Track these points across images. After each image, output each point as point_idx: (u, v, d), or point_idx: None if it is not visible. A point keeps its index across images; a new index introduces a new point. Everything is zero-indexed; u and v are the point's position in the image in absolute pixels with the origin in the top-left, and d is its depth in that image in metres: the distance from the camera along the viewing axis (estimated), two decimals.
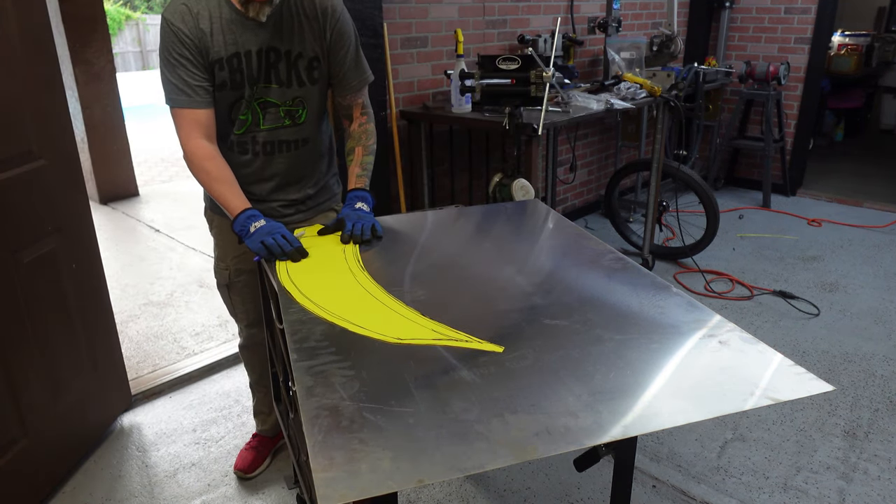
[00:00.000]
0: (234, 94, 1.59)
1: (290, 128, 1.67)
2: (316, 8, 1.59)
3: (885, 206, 4.54)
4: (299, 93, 1.64)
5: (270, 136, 1.66)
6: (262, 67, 1.58)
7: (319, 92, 1.68)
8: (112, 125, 4.88)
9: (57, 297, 1.94)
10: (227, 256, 1.82)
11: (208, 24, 1.51)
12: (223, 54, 1.53)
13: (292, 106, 1.65)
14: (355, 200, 1.65)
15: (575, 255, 1.56)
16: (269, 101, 1.62)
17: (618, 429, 0.91)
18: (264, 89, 1.60)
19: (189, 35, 1.50)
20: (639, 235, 3.80)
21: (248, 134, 1.65)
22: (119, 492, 1.99)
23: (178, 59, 1.51)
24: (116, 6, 18.55)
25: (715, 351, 1.10)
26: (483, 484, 1.98)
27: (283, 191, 1.76)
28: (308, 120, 1.69)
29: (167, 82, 1.54)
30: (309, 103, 1.67)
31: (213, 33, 1.52)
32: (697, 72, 4.09)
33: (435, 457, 0.85)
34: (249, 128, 1.64)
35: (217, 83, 1.56)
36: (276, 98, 1.62)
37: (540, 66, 2.27)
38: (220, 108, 1.61)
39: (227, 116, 1.63)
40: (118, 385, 2.31)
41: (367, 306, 1.26)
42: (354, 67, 1.70)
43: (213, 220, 1.84)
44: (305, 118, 1.68)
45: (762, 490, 1.95)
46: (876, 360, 2.64)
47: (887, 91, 6.87)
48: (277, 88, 1.61)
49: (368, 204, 1.65)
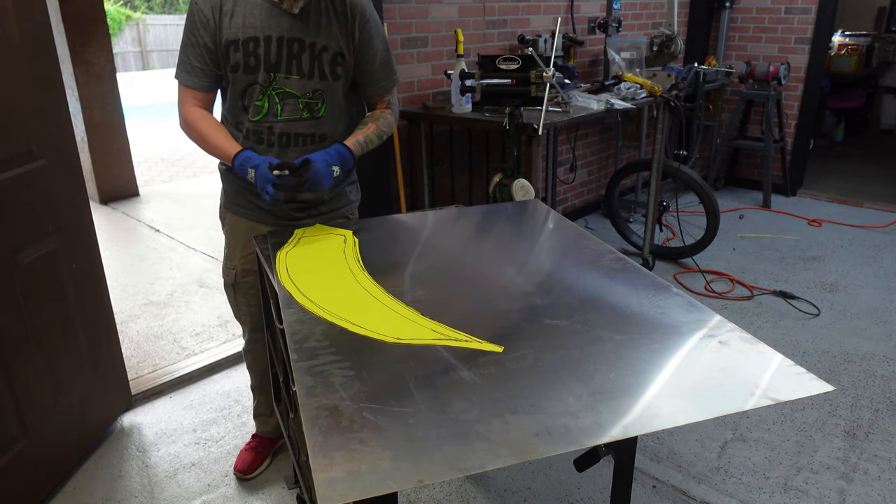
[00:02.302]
0: (248, 79, 1.61)
1: (308, 121, 1.67)
2: (346, 6, 1.61)
3: (885, 206, 4.54)
4: (320, 86, 1.64)
5: (287, 128, 1.65)
6: (284, 56, 1.59)
7: (342, 88, 1.69)
8: (112, 125, 4.88)
9: (57, 297, 1.94)
10: (236, 256, 1.82)
11: (231, 4, 1.56)
12: (240, 36, 1.56)
13: (312, 99, 1.65)
14: (333, 156, 1.60)
15: (575, 256, 1.56)
16: (288, 92, 1.63)
17: (618, 429, 0.91)
18: (285, 79, 1.61)
19: (207, 15, 1.56)
20: (639, 235, 3.80)
21: (265, 123, 1.65)
22: (119, 492, 1.99)
23: (190, 39, 1.59)
24: (116, 6, 18.54)
25: (715, 351, 1.10)
26: (483, 484, 1.98)
27: None
28: (327, 115, 1.69)
29: (180, 55, 1.63)
30: (329, 98, 1.67)
31: (233, 14, 1.56)
32: (698, 72, 4.09)
33: (435, 457, 0.85)
34: (266, 116, 1.64)
35: (231, 64, 1.59)
36: (297, 89, 1.63)
37: (540, 66, 2.27)
38: (234, 91, 1.63)
39: (239, 101, 1.64)
40: (118, 385, 2.31)
41: (367, 306, 1.26)
42: (383, 69, 1.72)
43: (226, 217, 1.83)
44: (324, 113, 1.68)
45: (762, 490, 1.95)
46: (876, 361, 2.64)
47: (887, 91, 6.87)
48: (298, 80, 1.62)
49: (342, 165, 1.61)
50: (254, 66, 1.59)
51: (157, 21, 19.80)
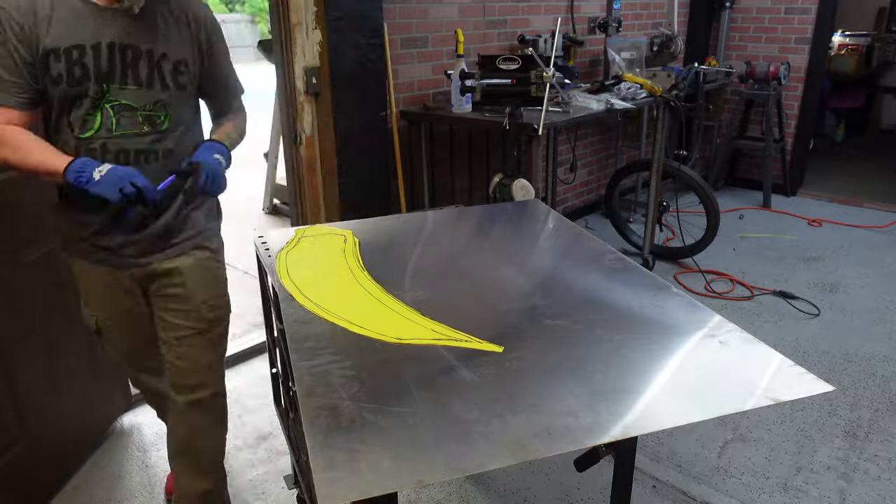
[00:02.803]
0: (74, 91, 1.38)
1: (149, 135, 1.46)
2: (188, 13, 1.48)
3: (886, 206, 4.54)
4: (162, 96, 1.46)
5: (126, 144, 1.44)
6: (117, 64, 1.40)
7: (187, 99, 1.53)
8: None
9: (57, 297, 1.94)
10: (91, 303, 1.62)
11: (48, 9, 1.34)
12: (61, 44, 1.35)
13: (153, 111, 1.46)
14: (213, 150, 1.47)
15: (575, 256, 1.56)
16: (124, 104, 1.42)
17: (618, 429, 0.91)
18: (119, 91, 1.41)
19: (19, 21, 1.32)
20: (639, 235, 3.80)
21: (96, 140, 1.41)
22: (119, 492, 1.99)
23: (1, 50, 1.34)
24: None
25: (715, 351, 1.10)
26: (483, 484, 1.98)
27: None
28: (171, 128, 1.49)
29: None
30: (173, 110, 1.49)
31: (51, 20, 1.34)
32: (698, 72, 4.09)
33: (435, 457, 0.85)
34: (97, 132, 1.41)
35: (53, 76, 1.36)
36: (134, 101, 1.43)
37: (540, 66, 2.28)
38: (57, 107, 1.40)
39: (65, 117, 1.41)
40: (118, 385, 2.31)
41: (367, 306, 1.26)
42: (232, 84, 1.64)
43: (72, 263, 1.58)
44: (168, 125, 1.49)
45: (762, 490, 1.95)
46: (876, 361, 2.64)
47: (888, 91, 6.87)
48: (136, 90, 1.43)
49: (226, 158, 1.50)
50: (80, 77, 1.37)
51: None
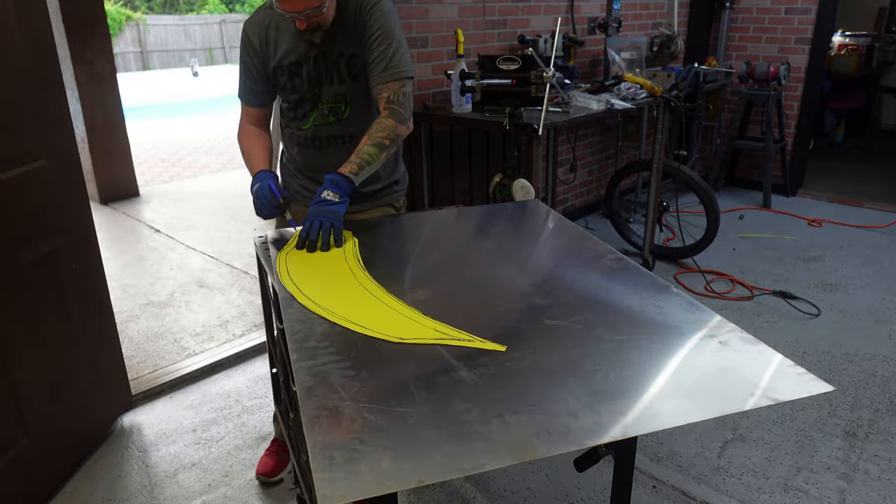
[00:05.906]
0: (296, 96, 1.74)
1: (334, 124, 1.76)
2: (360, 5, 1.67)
3: (885, 206, 4.54)
4: (341, 90, 1.72)
5: (317, 132, 1.77)
6: (317, 70, 1.70)
7: (363, 88, 1.72)
8: (112, 125, 4.88)
9: (57, 297, 1.94)
10: None
11: (275, 33, 1.70)
12: (284, 62, 1.71)
13: (335, 103, 1.73)
14: (326, 187, 1.56)
15: (575, 256, 1.56)
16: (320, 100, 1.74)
17: (618, 429, 0.91)
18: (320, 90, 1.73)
19: (257, 46, 1.72)
20: (639, 236, 3.80)
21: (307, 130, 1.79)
22: (119, 492, 1.99)
23: (244, 65, 1.77)
24: (117, 6, 18.56)
25: (715, 351, 1.10)
26: (483, 484, 1.98)
27: None
28: (353, 116, 1.75)
29: (239, 76, 1.81)
30: (352, 100, 1.73)
31: (278, 43, 1.70)
32: (698, 72, 4.09)
33: (435, 457, 0.85)
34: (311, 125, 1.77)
35: (280, 85, 1.74)
36: (324, 96, 1.73)
37: (540, 66, 2.28)
38: (288, 106, 1.80)
39: (293, 114, 1.79)
40: (118, 385, 2.31)
41: (367, 306, 1.25)
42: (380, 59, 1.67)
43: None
44: (349, 114, 1.75)
45: (762, 490, 1.95)
46: (876, 361, 2.64)
47: (888, 91, 6.87)
48: (328, 87, 1.72)
49: (340, 191, 1.55)
50: (299, 85, 1.72)
51: (157, 21, 19.83)
